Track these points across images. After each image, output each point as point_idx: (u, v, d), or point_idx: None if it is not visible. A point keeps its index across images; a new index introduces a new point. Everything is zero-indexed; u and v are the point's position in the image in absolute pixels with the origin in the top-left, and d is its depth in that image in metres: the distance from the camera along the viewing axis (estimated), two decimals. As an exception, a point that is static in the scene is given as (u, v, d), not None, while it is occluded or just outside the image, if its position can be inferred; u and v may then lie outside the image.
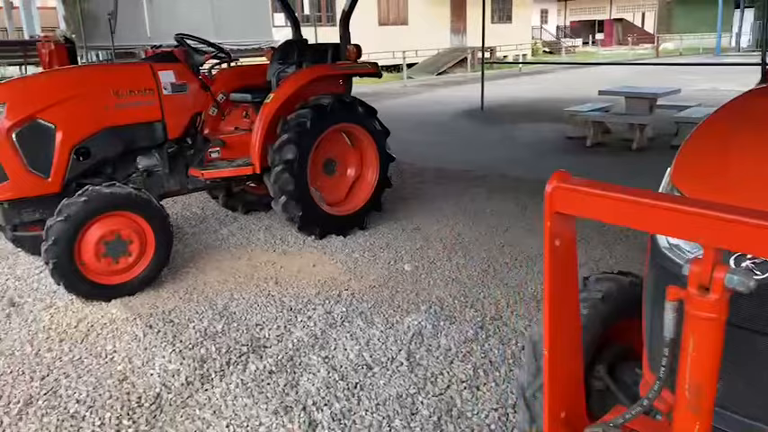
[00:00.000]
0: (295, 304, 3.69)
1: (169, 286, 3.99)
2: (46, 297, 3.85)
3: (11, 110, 3.58)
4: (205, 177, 4.40)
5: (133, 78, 4.06)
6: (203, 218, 5.51)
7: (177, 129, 4.31)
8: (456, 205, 5.70)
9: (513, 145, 8.99)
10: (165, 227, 3.89)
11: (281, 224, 5.22)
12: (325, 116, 4.53)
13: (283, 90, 4.48)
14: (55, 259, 3.51)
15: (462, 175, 6.97)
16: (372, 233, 4.94)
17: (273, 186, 4.49)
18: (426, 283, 3.95)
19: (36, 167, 3.71)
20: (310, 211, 4.60)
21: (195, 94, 4.38)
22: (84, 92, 3.84)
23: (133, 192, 3.73)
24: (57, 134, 3.73)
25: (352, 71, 4.91)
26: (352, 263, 4.32)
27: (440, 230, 5.00)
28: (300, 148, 4.42)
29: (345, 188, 4.99)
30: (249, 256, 4.52)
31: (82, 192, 3.60)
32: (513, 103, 13.71)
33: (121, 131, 4.01)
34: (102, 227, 3.65)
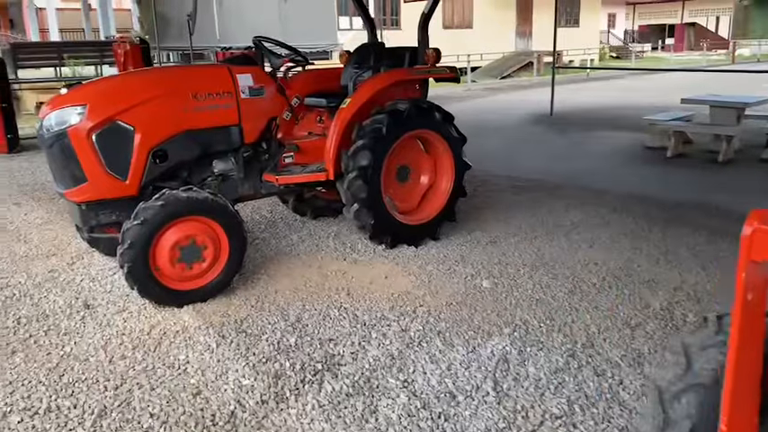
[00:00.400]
0: (368, 319, 3.53)
1: (240, 293, 3.90)
2: (119, 300, 3.82)
3: (92, 111, 3.56)
4: (279, 183, 4.30)
5: (212, 81, 4.00)
6: (272, 222, 5.43)
7: (253, 133, 4.22)
8: (533, 217, 5.43)
9: (586, 153, 8.60)
10: (239, 233, 3.80)
11: (349, 231, 5.08)
12: (402, 122, 4.36)
13: (360, 95, 4.34)
14: (130, 263, 3.46)
15: (536, 184, 6.68)
16: (445, 244, 4.74)
17: (346, 193, 4.35)
18: (508, 303, 3.71)
19: (114, 170, 3.68)
20: (382, 220, 4.43)
21: (272, 99, 4.28)
22: (163, 94, 3.79)
23: (209, 197, 3.65)
24: (135, 136, 3.69)
25: (430, 76, 4.72)
26: (426, 276, 4.13)
27: (518, 244, 4.75)
28: (375, 155, 4.27)
29: (418, 196, 4.81)
30: (320, 264, 4.40)
31: (159, 195, 3.54)
32: (583, 110, 13.23)
33: (199, 135, 3.95)
34: (177, 232, 3.58)
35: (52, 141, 3.58)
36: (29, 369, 3.04)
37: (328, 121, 4.70)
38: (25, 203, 6.30)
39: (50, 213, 5.87)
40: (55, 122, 3.57)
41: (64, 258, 4.61)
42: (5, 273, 4.35)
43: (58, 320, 3.58)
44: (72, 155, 3.57)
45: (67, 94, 3.65)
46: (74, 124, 3.54)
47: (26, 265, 4.49)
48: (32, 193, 6.73)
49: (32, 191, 6.86)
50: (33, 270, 4.39)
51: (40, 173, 7.85)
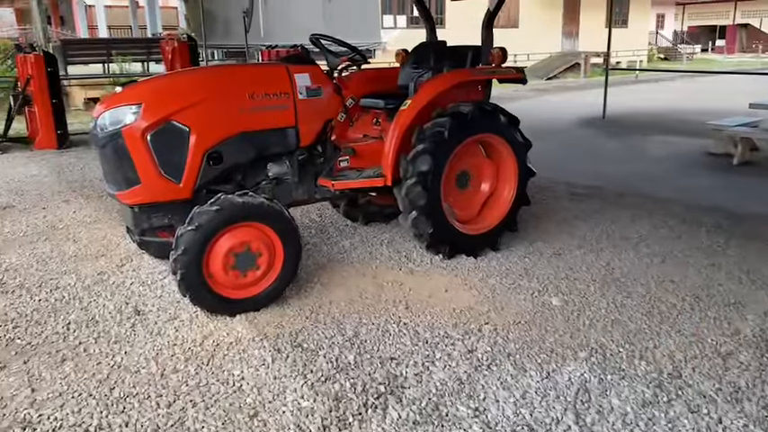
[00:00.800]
0: (431, 336, 3.30)
1: (294, 303, 3.72)
2: (170, 307, 3.68)
3: (147, 110, 3.42)
4: (335, 188, 4.10)
5: (269, 81, 3.82)
6: (322, 227, 5.25)
7: (310, 136, 4.04)
8: (597, 227, 5.13)
9: (645, 159, 8.21)
10: (294, 240, 3.62)
11: (403, 238, 4.87)
12: (465, 125, 4.12)
13: (421, 96, 4.11)
14: (183, 270, 3.31)
15: (596, 191, 6.35)
16: (506, 256, 4.48)
17: (404, 200, 4.13)
18: (581, 323, 3.44)
19: (168, 172, 3.54)
20: (441, 229, 4.20)
21: (329, 100, 4.09)
22: (219, 93, 3.63)
23: (265, 202, 3.48)
24: (191, 137, 3.54)
25: (495, 76, 4.46)
26: (489, 291, 3.88)
27: (584, 257, 4.46)
28: (436, 160, 4.04)
29: (478, 204, 4.56)
30: (374, 273, 4.19)
31: (214, 200, 3.38)
32: (637, 113, 12.74)
33: (255, 137, 3.78)
34: (232, 238, 3.42)
35: (106, 141, 3.46)
36: (79, 380, 2.91)
37: (385, 123, 4.49)
38: (74, 201, 6.27)
39: (99, 212, 5.81)
40: (109, 122, 3.44)
41: (113, 260, 4.51)
42: (55, 273, 4.26)
43: (108, 327, 3.45)
44: (126, 155, 3.44)
45: (122, 93, 3.53)
46: (128, 124, 3.41)
47: (75, 266, 4.40)
48: (81, 191, 6.70)
49: (81, 188, 6.84)
50: (83, 271, 4.30)
51: (88, 169, 7.86)
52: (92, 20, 26.61)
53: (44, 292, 3.97)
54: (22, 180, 7.23)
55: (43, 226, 5.40)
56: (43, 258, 4.58)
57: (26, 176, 7.43)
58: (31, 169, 7.86)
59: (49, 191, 6.68)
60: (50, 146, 9.15)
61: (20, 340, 3.31)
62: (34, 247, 4.83)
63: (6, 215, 5.75)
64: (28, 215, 5.75)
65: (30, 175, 7.52)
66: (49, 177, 7.38)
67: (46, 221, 5.53)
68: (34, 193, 6.61)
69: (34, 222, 5.50)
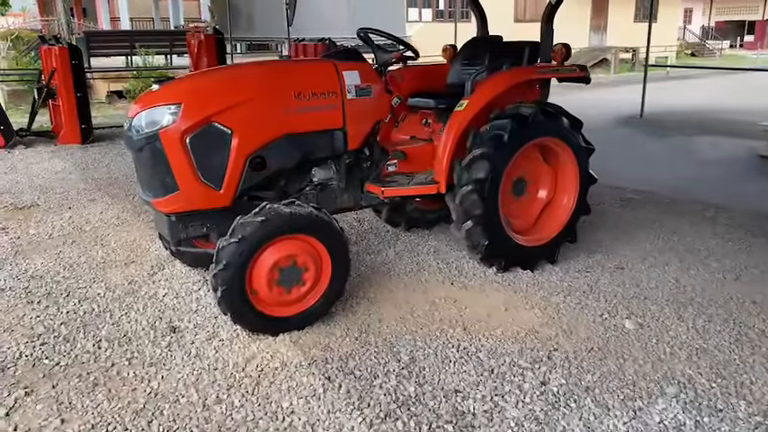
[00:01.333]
0: (496, 365, 2.99)
1: (341, 321, 3.42)
2: (207, 324, 3.40)
3: (187, 111, 3.13)
4: (385, 195, 3.79)
5: (316, 79, 3.51)
6: (362, 233, 4.94)
7: (358, 138, 3.72)
8: (658, 238, 4.77)
9: (693, 162, 7.79)
10: (343, 254, 3.32)
11: (449, 247, 4.55)
12: (526, 128, 3.79)
13: (480, 96, 3.78)
14: (225, 286, 3.02)
15: (647, 197, 5.98)
16: (566, 269, 4.14)
17: (458, 209, 3.81)
18: (661, 351, 3.10)
19: (208, 177, 3.25)
20: (498, 240, 3.87)
21: (378, 99, 3.77)
22: (264, 93, 3.32)
23: (314, 212, 3.18)
24: (233, 140, 3.24)
25: (560, 75, 4.12)
26: (552, 310, 3.55)
27: (649, 272, 4.11)
28: (494, 166, 3.71)
29: (535, 213, 4.22)
30: (424, 288, 3.88)
31: (259, 209, 3.09)
32: (675, 111, 12.26)
33: (300, 139, 3.47)
34: (278, 251, 3.12)
35: (142, 144, 3.17)
36: (112, 410, 2.64)
37: (436, 124, 4.18)
38: (100, 200, 6.03)
39: (126, 213, 5.56)
40: (145, 123, 3.15)
41: (143, 267, 4.24)
42: (84, 282, 4.01)
43: (141, 346, 3.18)
44: (163, 160, 3.15)
45: (159, 91, 3.24)
46: (166, 126, 3.11)
47: (104, 274, 4.14)
48: (107, 189, 6.46)
49: (107, 185, 6.60)
50: (112, 280, 4.04)
51: (114, 165, 7.63)
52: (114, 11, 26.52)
53: (72, 302, 3.71)
54: (46, 177, 7.00)
55: (69, 228, 5.16)
56: (70, 264, 4.32)
57: (51, 173, 7.21)
58: (55, 165, 7.64)
59: (75, 189, 6.45)
60: (75, 140, 8.93)
61: (48, 360, 3.05)
62: (60, 252, 4.58)
63: (31, 215, 5.52)
64: (53, 215, 5.51)
65: (54, 171, 7.30)
66: (74, 174, 7.16)
67: (72, 223, 5.29)
68: (59, 191, 6.38)
69: (60, 224, 5.26)
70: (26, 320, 3.48)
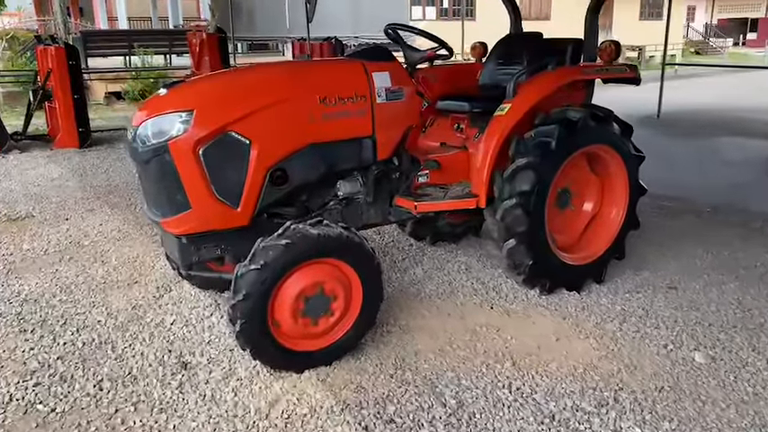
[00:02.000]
0: (557, 408, 2.60)
1: (372, 354, 3.04)
2: (222, 358, 3.01)
3: (200, 119, 2.73)
4: (418, 211, 3.39)
5: (344, 81, 3.12)
6: (384, 248, 4.55)
7: (388, 147, 3.33)
8: (706, 253, 4.39)
9: (723, 165, 7.40)
10: (376, 279, 2.94)
11: (481, 263, 4.17)
12: (575, 135, 3.40)
13: (525, 99, 3.39)
14: (244, 319, 2.63)
15: (683, 204, 5.60)
16: (614, 290, 3.76)
17: (498, 225, 3.43)
18: (742, 391, 2.72)
19: (224, 194, 2.85)
20: (543, 260, 3.49)
21: (410, 103, 3.38)
22: (287, 98, 2.93)
23: (344, 233, 2.79)
24: (251, 152, 2.85)
25: (610, 75, 3.73)
26: (609, 340, 3.17)
27: (706, 293, 3.73)
28: (540, 177, 3.33)
29: (580, 227, 3.84)
30: (461, 313, 3.49)
31: (282, 231, 2.70)
32: (691, 110, 11.87)
33: (325, 149, 3.08)
34: (304, 278, 2.74)
35: (148, 157, 2.77)
36: (118, 471, 2.24)
37: (470, 129, 3.79)
38: (99, 210, 5.63)
39: (128, 224, 5.16)
40: (152, 132, 2.75)
41: (148, 288, 3.85)
42: (82, 306, 3.62)
43: (149, 386, 2.79)
44: (173, 175, 2.76)
45: (167, 96, 2.84)
46: (177, 136, 2.72)
47: (105, 297, 3.75)
48: (106, 197, 6.06)
49: (106, 194, 6.20)
50: (114, 304, 3.65)
51: (113, 171, 7.24)
52: (111, 11, 26.06)
53: (70, 332, 3.32)
54: (42, 184, 6.60)
55: (66, 242, 4.76)
56: (67, 285, 3.93)
57: (46, 180, 6.81)
58: (51, 171, 7.24)
59: (72, 198, 6.05)
60: (72, 144, 8.53)
61: (42, 405, 2.66)
62: (57, 270, 4.19)
63: (26, 227, 5.12)
64: (49, 228, 5.11)
65: (50, 178, 6.89)
66: (72, 181, 6.75)
67: (69, 236, 4.89)
68: (55, 200, 5.98)
69: (56, 237, 4.86)
70: (18, 354, 3.09)
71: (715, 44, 36.69)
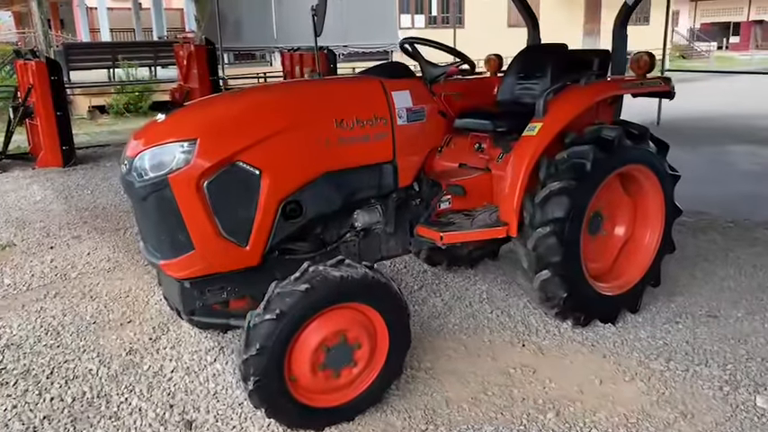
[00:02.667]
0: (615, 469, 2.30)
1: (398, 405, 2.73)
2: (231, 415, 2.68)
3: (204, 148, 2.42)
4: (444, 242, 3.08)
5: (361, 102, 2.82)
6: (397, 275, 4.24)
7: (410, 172, 3.04)
8: (740, 274, 4.13)
9: (736, 175, 7.17)
10: (403, 323, 2.63)
11: (504, 292, 3.88)
12: (611, 155, 3.12)
13: (557, 118, 3.10)
14: (258, 377, 2.31)
15: (705, 219, 5.34)
16: (651, 320, 3.48)
17: (530, 255, 3.13)
18: (819, 443, 2.44)
19: (231, 232, 2.53)
20: (577, 292, 3.20)
21: (433, 124, 3.09)
22: (300, 122, 2.62)
23: (369, 273, 2.48)
24: (262, 183, 2.54)
25: (646, 90, 3.46)
26: (658, 381, 2.88)
27: (751, 322, 3.46)
28: (575, 202, 3.04)
29: (612, 253, 3.56)
30: (491, 351, 3.18)
31: (300, 274, 2.38)
32: (692, 117, 11.67)
33: (343, 177, 2.78)
34: (324, 326, 2.42)
35: (146, 192, 2.44)
36: None
37: (492, 150, 3.50)
38: (86, 236, 5.27)
39: (117, 252, 4.81)
40: (150, 165, 2.43)
41: (143, 328, 3.51)
42: (71, 352, 3.27)
43: (150, 453, 2.45)
44: (174, 212, 2.43)
45: (166, 123, 2.53)
46: (178, 168, 2.40)
47: (96, 339, 3.40)
48: (93, 222, 5.70)
49: (93, 218, 5.84)
50: (106, 348, 3.30)
51: (99, 192, 6.87)
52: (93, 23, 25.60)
53: (57, 384, 2.97)
54: (24, 208, 6.23)
55: (51, 275, 4.40)
56: (54, 326, 3.58)
57: (29, 203, 6.43)
58: (34, 193, 6.86)
59: (56, 223, 5.68)
60: (55, 163, 8.14)
61: (26, 482, 2.31)
62: (42, 308, 3.83)
63: (6, 258, 4.75)
64: (32, 258, 4.75)
65: (33, 201, 6.51)
66: (56, 204, 6.38)
67: (54, 268, 4.53)
68: (39, 226, 5.61)
69: (40, 269, 4.50)
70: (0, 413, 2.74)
71: (699, 48, 36.90)
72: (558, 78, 3.52)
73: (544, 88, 3.54)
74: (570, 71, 3.54)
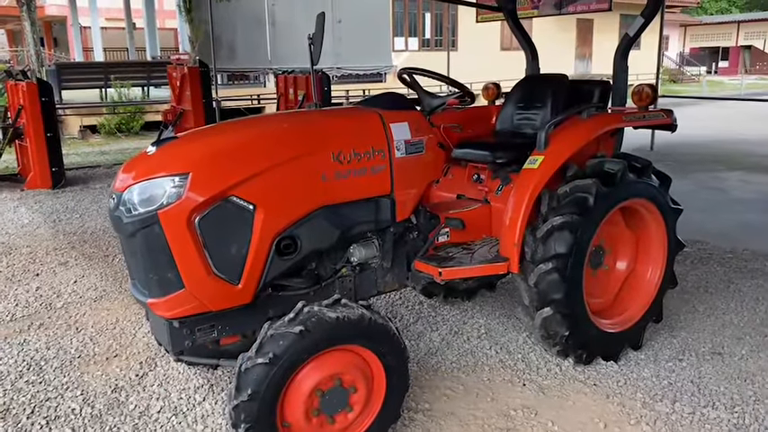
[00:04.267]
0: None
1: (395, 450, 2.60)
2: (221, 461, 2.55)
3: (197, 183, 2.32)
4: (443, 278, 2.99)
5: (359, 134, 2.75)
6: (392, 307, 4.14)
7: (408, 206, 2.95)
8: (742, 307, 4.05)
9: (731, 203, 7.14)
10: (401, 366, 2.52)
11: (503, 326, 3.79)
12: (614, 189, 3.06)
13: (559, 151, 3.03)
14: (249, 423, 2.20)
15: (703, 249, 5.29)
16: (653, 357, 3.39)
17: (531, 291, 3.04)
18: (835, 495, 2.34)
19: (223, 269, 2.43)
20: (579, 329, 3.10)
21: (431, 156, 3.01)
22: (297, 154, 2.54)
23: (366, 314, 2.38)
24: (255, 218, 2.44)
25: (648, 123, 3.41)
26: (663, 424, 2.78)
27: (756, 360, 3.37)
28: (578, 237, 2.96)
29: (614, 289, 3.48)
30: (490, 391, 3.07)
31: (294, 315, 2.28)
32: (686, 143, 11.69)
33: (339, 212, 2.69)
34: (319, 370, 2.32)
35: (135, 228, 2.34)
36: None
37: (491, 182, 3.43)
38: (74, 263, 5.14)
39: (105, 281, 4.69)
40: (139, 200, 2.33)
41: (130, 364, 3.38)
42: (54, 389, 3.13)
43: (133, 504, 2.32)
44: (163, 249, 2.33)
45: (157, 156, 2.43)
46: (168, 204, 2.30)
47: (80, 375, 3.27)
48: (81, 247, 5.58)
49: (81, 243, 5.72)
50: (91, 385, 3.17)
51: (88, 216, 6.75)
52: (87, 42, 25.57)
53: (38, 425, 2.84)
54: (10, 232, 6.09)
55: (36, 304, 4.27)
56: (36, 361, 3.44)
57: (16, 227, 6.29)
58: (21, 216, 6.73)
59: (43, 248, 5.55)
60: (44, 185, 8.02)
61: None
62: (24, 340, 3.70)
63: (-10, 286, 4.61)
64: (17, 286, 4.61)
65: (20, 224, 6.38)
66: (43, 228, 6.25)
67: (40, 296, 4.40)
68: (25, 251, 5.48)
69: (25, 298, 4.37)
70: (-25, 458, 2.61)
71: (690, 73, 37.34)
72: (558, 109, 3.49)
73: (544, 119, 3.51)
74: (571, 102, 3.50)
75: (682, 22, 43.36)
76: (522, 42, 4.17)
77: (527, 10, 11.48)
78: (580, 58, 25.64)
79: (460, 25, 21.18)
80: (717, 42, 47.30)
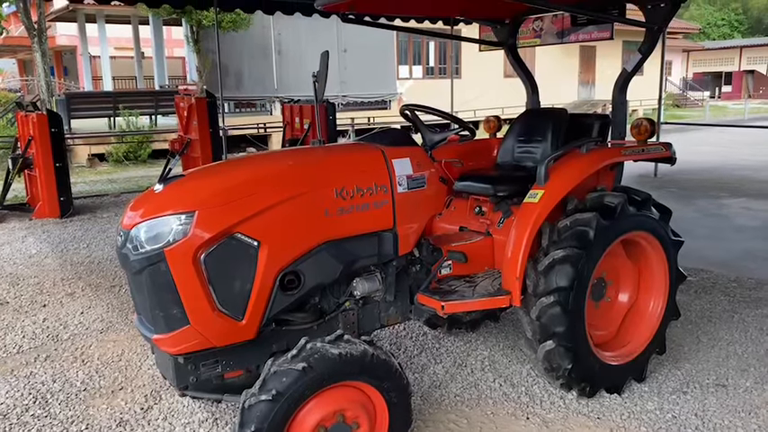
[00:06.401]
0: None
1: (399, 486, 2.60)
2: (224, 497, 2.56)
3: (202, 221, 2.37)
4: (446, 312, 3.01)
5: (361, 170, 2.81)
6: (395, 338, 4.15)
7: (410, 240, 3.00)
8: (746, 338, 4.05)
9: (734, 230, 7.15)
10: (404, 402, 2.54)
11: (506, 357, 3.80)
12: (615, 222, 3.09)
13: (559, 185, 3.08)
14: (254, 460, 2.21)
15: (706, 278, 5.29)
16: (657, 389, 3.38)
17: (534, 324, 3.06)
18: None
19: (227, 305, 2.47)
20: (582, 362, 3.11)
21: (433, 190, 3.06)
22: (301, 192, 2.59)
23: (369, 350, 2.41)
24: (260, 255, 2.49)
25: (648, 157, 3.45)
26: (668, 459, 2.77)
27: (760, 392, 3.36)
28: (579, 271, 2.98)
29: (617, 321, 3.49)
30: (494, 425, 3.07)
31: (297, 351, 2.31)
32: (690, 169, 11.74)
33: (342, 247, 2.74)
34: (321, 406, 2.34)
35: (141, 266, 2.39)
36: None
37: (493, 214, 3.47)
38: (80, 293, 5.19)
39: (111, 312, 4.72)
40: (146, 238, 2.38)
41: (135, 397, 3.40)
42: (59, 423, 3.15)
43: None
44: (169, 286, 2.37)
45: (164, 194, 2.49)
46: (175, 241, 2.35)
47: (85, 409, 3.29)
48: (88, 278, 5.63)
49: (88, 273, 5.77)
50: (95, 419, 3.19)
51: (95, 245, 6.81)
52: (96, 70, 26.00)
53: (43, 460, 2.84)
54: (18, 262, 6.15)
55: (43, 336, 4.30)
56: (43, 394, 3.47)
57: (24, 256, 6.36)
58: (29, 246, 6.79)
59: (50, 279, 5.60)
60: (52, 215, 8.11)
61: None
62: (31, 373, 3.73)
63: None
64: (24, 317, 4.65)
65: (28, 254, 6.44)
66: (51, 258, 6.31)
67: (46, 328, 4.43)
68: (32, 281, 5.53)
69: (32, 330, 4.40)
70: (-20, 494, 2.62)
71: (693, 97, 37.54)
72: (558, 142, 3.54)
73: (545, 152, 3.56)
74: (570, 135, 3.55)
75: (684, 48, 43.69)
76: (523, 77, 4.24)
77: (530, 39, 11.64)
78: (583, 84, 25.85)
79: (464, 53, 21.44)
80: (720, 67, 47.64)
